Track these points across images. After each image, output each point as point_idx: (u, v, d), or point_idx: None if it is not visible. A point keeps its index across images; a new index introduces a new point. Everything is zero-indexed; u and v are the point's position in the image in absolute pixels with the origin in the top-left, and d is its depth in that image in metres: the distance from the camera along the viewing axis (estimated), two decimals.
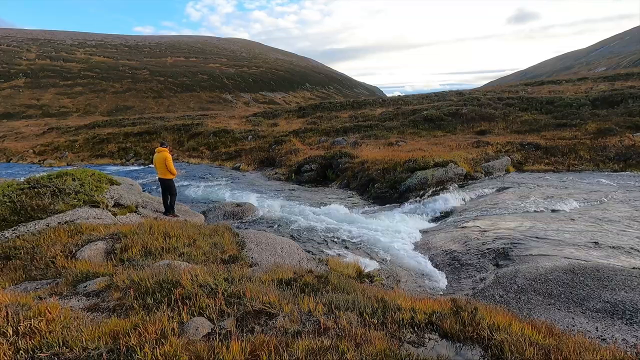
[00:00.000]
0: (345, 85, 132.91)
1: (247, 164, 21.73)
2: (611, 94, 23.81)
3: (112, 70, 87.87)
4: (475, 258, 7.09)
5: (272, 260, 6.15)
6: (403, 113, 27.29)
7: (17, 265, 5.44)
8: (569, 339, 3.39)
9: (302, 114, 35.45)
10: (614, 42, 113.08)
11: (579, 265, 5.72)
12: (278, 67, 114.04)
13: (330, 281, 4.55)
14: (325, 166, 17.51)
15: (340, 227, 9.73)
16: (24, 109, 64.76)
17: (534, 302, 5.03)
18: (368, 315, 3.69)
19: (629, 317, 4.45)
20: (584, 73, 58.66)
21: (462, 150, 16.25)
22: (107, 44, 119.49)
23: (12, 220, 7.08)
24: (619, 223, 8.18)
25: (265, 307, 3.71)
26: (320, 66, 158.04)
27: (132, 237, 6.15)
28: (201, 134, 29.47)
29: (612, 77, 35.43)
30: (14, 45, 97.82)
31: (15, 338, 3.00)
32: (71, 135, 36.00)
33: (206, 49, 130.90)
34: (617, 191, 10.95)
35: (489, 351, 3.19)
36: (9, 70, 79.01)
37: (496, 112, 23.62)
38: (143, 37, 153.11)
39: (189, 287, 4.01)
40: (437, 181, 13.07)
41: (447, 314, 3.73)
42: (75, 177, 8.67)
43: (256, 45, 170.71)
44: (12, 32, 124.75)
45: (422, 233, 9.47)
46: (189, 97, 79.37)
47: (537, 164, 15.32)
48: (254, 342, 3.02)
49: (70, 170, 9.33)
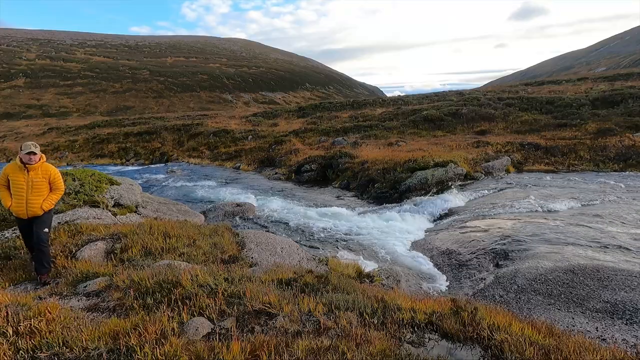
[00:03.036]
0: (345, 85, 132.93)
1: (247, 164, 21.72)
2: (611, 94, 23.81)
3: (112, 70, 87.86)
4: (475, 258, 7.09)
5: (272, 260, 6.15)
6: (403, 113, 27.29)
7: (17, 265, 5.44)
8: (569, 339, 3.39)
9: (302, 114, 35.45)
10: (614, 42, 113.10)
11: (579, 265, 5.72)
12: (278, 67, 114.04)
13: (330, 281, 4.55)
14: (325, 166, 17.51)
15: (340, 227, 9.74)
16: (24, 109, 64.76)
17: (534, 302, 5.03)
18: (368, 315, 3.69)
19: (629, 317, 4.46)
20: (584, 73, 58.69)
21: (462, 150, 16.25)
22: (107, 44, 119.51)
23: (12, 220, 7.08)
24: (619, 223, 8.19)
25: (265, 307, 3.71)
26: (320, 66, 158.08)
27: (132, 237, 6.15)
28: (201, 134, 29.47)
29: (612, 77, 35.43)
30: (14, 45, 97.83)
31: (15, 338, 3.00)
32: (71, 135, 36.01)
33: (206, 49, 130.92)
34: (617, 191, 10.95)
35: (489, 351, 3.19)
36: (9, 70, 79.01)
37: (496, 112, 23.62)
38: (143, 37, 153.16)
39: (189, 287, 4.01)
40: (437, 181, 13.07)
41: (447, 314, 3.73)
42: (75, 177, 8.67)
43: (256, 46, 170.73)
44: (12, 32, 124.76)
45: (422, 233, 9.47)
46: (189, 97, 79.37)
47: (537, 164, 15.32)
48: (254, 342, 3.02)
49: (70, 170, 9.34)
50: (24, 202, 4.81)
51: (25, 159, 4.74)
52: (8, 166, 4.87)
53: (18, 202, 4.83)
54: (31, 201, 4.82)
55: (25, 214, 4.86)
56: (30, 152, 4.73)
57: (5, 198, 4.90)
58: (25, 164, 4.76)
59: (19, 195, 4.80)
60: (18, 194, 4.81)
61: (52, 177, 4.95)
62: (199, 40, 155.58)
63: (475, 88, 67.02)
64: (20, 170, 4.78)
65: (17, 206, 4.84)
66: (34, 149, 4.77)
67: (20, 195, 4.80)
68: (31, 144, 4.77)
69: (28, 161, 4.75)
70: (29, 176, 4.78)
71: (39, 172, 4.85)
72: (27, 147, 4.75)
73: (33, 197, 4.82)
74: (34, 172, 4.81)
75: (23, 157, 4.75)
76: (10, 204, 4.86)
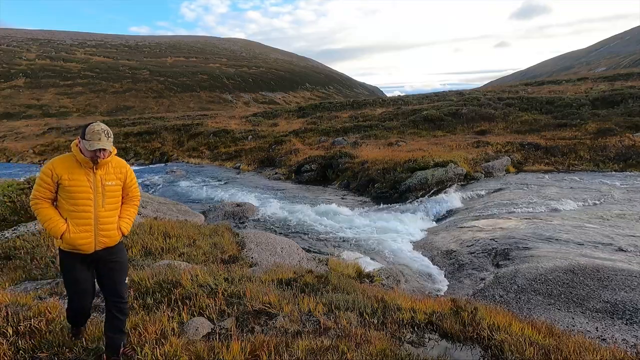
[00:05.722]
0: (345, 85, 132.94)
1: (247, 164, 21.72)
2: (611, 94, 23.81)
3: (112, 70, 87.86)
4: (475, 258, 7.09)
5: (272, 260, 6.15)
6: (403, 113, 27.29)
7: (17, 265, 5.44)
8: (569, 339, 3.39)
9: (302, 114, 35.45)
10: (614, 42, 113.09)
11: (578, 265, 5.72)
12: (278, 67, 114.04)
13: (330, 281, 4.56)
14: (325, 166, 17.51)
15: (340, 227, 9.74)
16: (24, 109, 64.76)
17: (533, 302, 5.03)
18: (368, 315, 3.69)
19: (629, 317, 4.46)
20: (584, 73, 58.68)
21: (462, 150, 16.25)
22: (107, 44, 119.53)
23: (12, 220, 7.10)
24: (619, 223, 8.19)
25: (265, 307, 3.71)
26: (320, 66, 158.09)
27: (132, 237, 6.15)
28: (201, 134, 29.47)
29: (612, 77, 35.42)
30: (14, 45, 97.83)
31: (15, 338, 3.00)
32: (71, 135, 35.98)
33: (206, 49, 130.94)
34: (617, 191, 10.95)
35: (489, 351, 3.20)
36: (9, 70, 79.01)
37: (496, 112, 23.62)
38: (143, 37, 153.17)
39: (189, 287, 4.02)
40: (437, 181, 13.07)
41: (447, 314, 3.73)
42: None
43: (256, 46, 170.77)
44: (12, 32, 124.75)
45: (422, 233, 9.47)
46: (189, 97, 79.38)
47: (537, 164, 15.32)
48: (254, 342, 3.03)
49: None
50: (92, 223, 2.76)
51: (92, 157, 2.71)
52: (57, 161, 2.76)
53: (81, 224, 2.73)
54: (104, 220, 2.79)
55: (93, 244, 2.77)
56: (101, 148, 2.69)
57: (54, 221, 2.70)
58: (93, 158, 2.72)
59: (83, 211, 2.74)
60: (80, 210, 2.74)
61: (129, 179, 2.98)
62: (199, 40, 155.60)
63: (475, 88, 67.03)
64: (82, 168, 2.74)
65: (79, 232, 2.72)
66: (105, 139, 2.69)
67: (84, 212, 2.74)
68: (102, 130, 2.69)
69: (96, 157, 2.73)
70: (96, 177, 2.77)
71: (111, 170, 2.86)
72: (97, 136, 2.67)
73: (106, 212, 2.81)
74: (104, 170, 2.81)
75: (86, 150, 2.69)
76: (64, 231, 2.70)
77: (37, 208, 2.74)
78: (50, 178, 2.70)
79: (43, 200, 2.73)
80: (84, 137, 2.68)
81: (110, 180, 2.83)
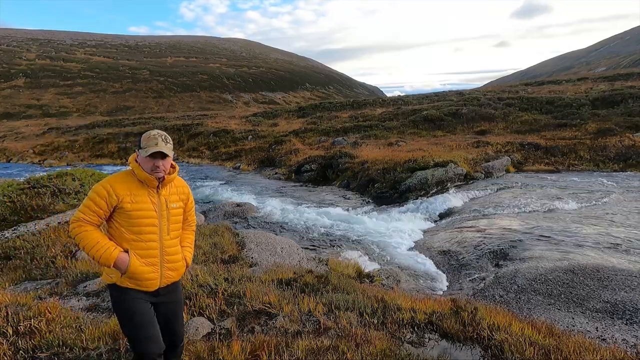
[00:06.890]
0: (345, 85, 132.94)
1: (247, 164, 21.73)
2: (611, 94, 23.81)
3: (112, 70, 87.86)
4: (475, 258, 7.09)
5: (272, 260, 6.15)
6: (403, 113, 27.29)
7: (17, 265, 5.44)
8: (569, 339, 3.39)
9: (302, 114, 35.45)
10: (614, 42, 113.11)
11: (578, 265, 5.72)
12: (278, 67, 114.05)
13: (330, 281, 4.56)
14: (325, 166, 17.51)
15: (340, 227, 9.73)
16: (24, 109, 64.77)
17: (533, 302, 5.03)
18: (368, 315, 3.69)
19: (629, 317, 4.45)
20: (584, 73, 58.69)
21: (462, 151, 16.25)
22: (107, 44, 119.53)
23: (12, 220, 7.09)
24: (619, 223, 8.19)
25: (265, 307, 3.71)
26: (320, 66, 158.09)
27: None
28: (201, 134, 29.49)
29: (612, 77, 35.42)
30: (14, 45, 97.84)
31: (15, 338, 3.01)
32: (71, 135, 36.01)
33: (206, 49, 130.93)
34: (618, 191, 10.95)
35: (489, 351, 3.20)
36: (9, 70, 79.02)
37: (496, 112, 23.62)
38: (143, 37, 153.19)
39: (189, 287, 4.02)
40: (437, 181, 13.07)
41: (447, 314, 3.73)
42: (75, 177, 8.67)
43: (256, 46, 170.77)
44: (12, 32, 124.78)
45: (422, 233, 9.47)
46: (189, 97, 79.39)
47: (537, 164, 15.33)
48: (254, 342, 3.03)
49: (70, 170, 9.34)
50: (158, 254, 2.32)
51: (151, 168, 2.27)
52: (114, 179, 2.29)
53: (145, 255, 2.29)
54: (170, 250, 2.37)
55: (158, 280, 2.34)
56: (161, 152, 2.25)
57: (103, 245, 2.21)
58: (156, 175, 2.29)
59: (149, 240, 2.31)
60: (146, 240, 2.30)
61: (190, 201, 2.60)
62: (199, 40, 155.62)
63: (475, 88, 67.04)
64: (144, 188, 2.30)
65: (143, 265, 2.27)
66: (163, 144, 2.25)
67: (150, 242, 2.31)
68: (158, 134, 2.27)
69: (156, 172, 2.27)
70: (160, 198, 2.34)
71: (174, 190, 2.45)
72: (154, 141, 2.23)
73: (171, 241, 2.40)
74: (167, 190, 2.40)
75: (145, 162, 2.26)
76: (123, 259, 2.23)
77: (80, 232, 2.20)
78: (105, 200, 2.20)
79: (88, 224, 2.21)
80: (139, 147, 2.27)
81: (174, 202, 2.40)
